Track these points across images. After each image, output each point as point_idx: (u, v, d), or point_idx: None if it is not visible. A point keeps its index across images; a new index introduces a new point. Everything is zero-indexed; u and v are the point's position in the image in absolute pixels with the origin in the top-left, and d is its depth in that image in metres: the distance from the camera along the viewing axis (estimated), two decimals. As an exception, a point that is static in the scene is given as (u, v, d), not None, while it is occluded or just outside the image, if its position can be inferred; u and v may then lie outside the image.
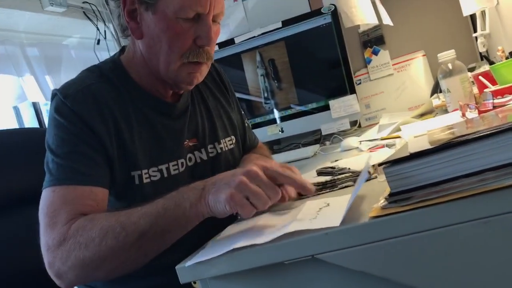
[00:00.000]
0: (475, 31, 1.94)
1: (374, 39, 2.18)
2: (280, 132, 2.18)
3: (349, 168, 1.05)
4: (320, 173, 1.12)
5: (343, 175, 0.99)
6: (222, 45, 2.25)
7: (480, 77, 1.27)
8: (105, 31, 2.57)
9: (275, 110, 2.19)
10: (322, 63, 2.09)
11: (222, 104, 1.23)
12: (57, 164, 0.94)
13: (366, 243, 0.65)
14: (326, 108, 2.07)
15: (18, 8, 2.05)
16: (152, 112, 1.07)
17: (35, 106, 2.39)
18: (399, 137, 1.24)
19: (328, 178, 1.02)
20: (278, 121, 2.18)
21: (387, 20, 1.86)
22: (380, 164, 0.67)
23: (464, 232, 0.62)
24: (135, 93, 1.06)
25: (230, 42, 2.24)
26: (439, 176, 0.64)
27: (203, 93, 1.20)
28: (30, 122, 2.41)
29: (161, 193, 0.84)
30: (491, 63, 1.51)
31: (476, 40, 1.87)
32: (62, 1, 2.20)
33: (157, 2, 0.96)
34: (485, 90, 1.16)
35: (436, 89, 1.83)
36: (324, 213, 0.76)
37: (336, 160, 1.24)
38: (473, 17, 1.97)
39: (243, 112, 1.33)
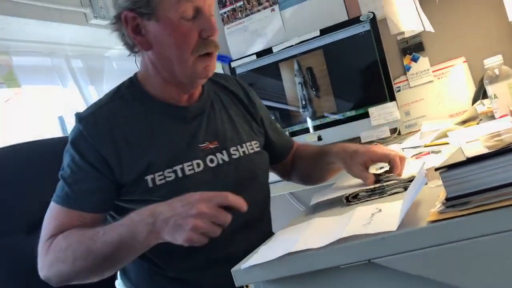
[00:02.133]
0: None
1: (413, 46, 2.16)
2: (318, 140, 2.18)
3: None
4: (366, 179, 1.11)
5: (391, 181, 0.99)
6: (260, 54, 2.27)
7: (529, 83, 1.25)
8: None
9: (312, 118, 2.19)
10: (361, 71, 2.08)
11: (243, 114, 1.29)
12: (61, 184, 1.08)
13: (424, 248, 0.65)
14: (365, 115, 2.06)
15: (64, 21, 2.12)
16: (166, 118, 1.14)
17: (79, 116, 2.46)
18: (447, 143, 1.23)
19: (376, 184, 1.01)
20: (316, 129, 2.18)
21: (428, 27, 1.84)
22: (436, 169, 0.67)
23: (525, 238, 0.61)
24: (149, 104, 1.14)
25: (268, 51, 2.26)
26: (498, 181, 0.64)
27: (224, 102, 1.27)
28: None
29: (177, 193, 0.95)
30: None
31: (521, 45, 1.83)
32: (105, 14, 2.27)
33: (156, 10, 1.04)
34: (535, 96, 1.14)
35: (479, 96, 1.80)
36: (378, 218, 0.77)
37: (381, 168, 1.24)
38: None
39: (273, 117, 1.42)
